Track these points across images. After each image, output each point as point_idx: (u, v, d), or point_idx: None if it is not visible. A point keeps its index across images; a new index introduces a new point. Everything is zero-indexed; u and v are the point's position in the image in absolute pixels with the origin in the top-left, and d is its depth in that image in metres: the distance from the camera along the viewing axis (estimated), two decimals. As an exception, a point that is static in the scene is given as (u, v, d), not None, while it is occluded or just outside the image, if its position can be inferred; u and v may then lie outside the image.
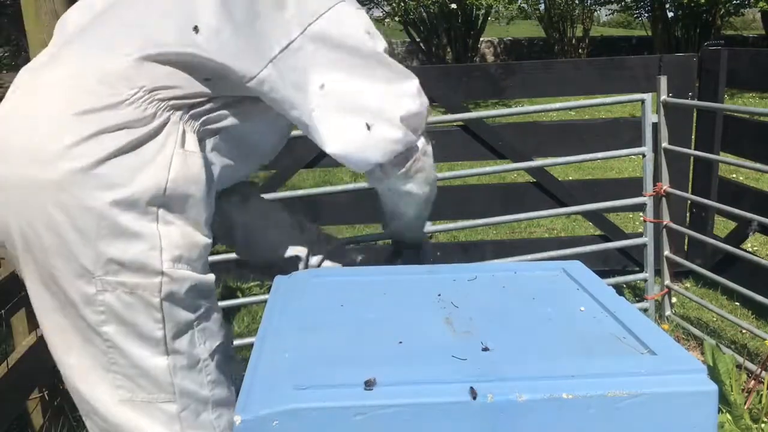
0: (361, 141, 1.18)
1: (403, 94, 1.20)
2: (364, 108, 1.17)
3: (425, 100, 1.23)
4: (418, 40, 14.89)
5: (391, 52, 1.23)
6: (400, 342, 1.03)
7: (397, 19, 14.32)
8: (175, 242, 1.06)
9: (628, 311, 1.12)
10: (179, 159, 1.07)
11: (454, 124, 3.32)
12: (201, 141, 1.14)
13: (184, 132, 1.10)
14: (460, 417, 0.86)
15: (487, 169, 3.10)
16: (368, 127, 1.17)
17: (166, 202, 1.06)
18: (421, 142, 1.26)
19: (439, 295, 1.21)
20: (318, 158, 3.10)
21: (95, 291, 1.03)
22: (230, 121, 1.19)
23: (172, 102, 1.08)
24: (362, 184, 2.93)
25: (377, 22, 16.21)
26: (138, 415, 1.08)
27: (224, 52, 1.10)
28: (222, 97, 1.15)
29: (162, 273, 1.05)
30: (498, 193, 3.48)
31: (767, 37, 14.32)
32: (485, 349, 0.99)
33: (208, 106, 1.14)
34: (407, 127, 1.20)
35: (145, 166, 1.04)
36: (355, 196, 3.02)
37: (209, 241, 1.14)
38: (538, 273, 1.33)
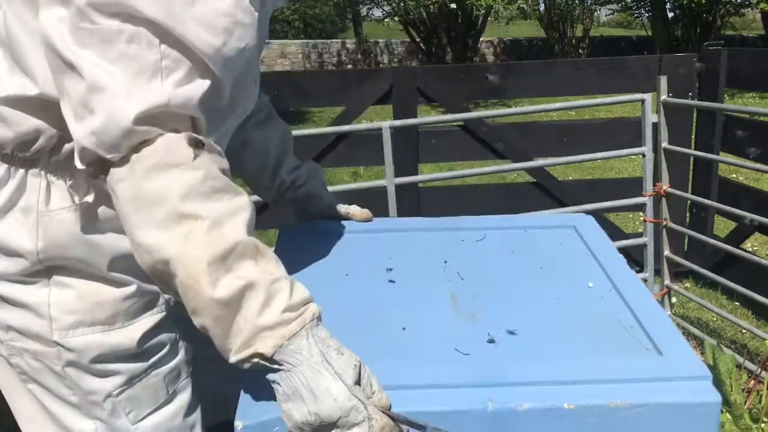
0: None
1: None
2: None
3: None
4: (418, 40, 14.89)
5: None
6: (404, 328, 1.02)
7: (397, 19, 14.34)
8: (70, 308, 0.94)
9: (635, 288, 1.12)
10: (45, 223, 0.90)
11: (454, 124, 3.31)
12: (79, 188, 0.93)
13: (48, 186, 0.91)
14: (460, 424, 0.86)
15: (487, 169, 3.10)
16: None
17: (49, 268, 0.92)
18: None
19: (446, 262, 1.22)
20: (317, 159, 3.09)
21: (7, 354, 0.98)
22: None
23: (22, 155, 0.90)
24: (362, 184, 2.93)
25: (377, 22, 16.22)
26: None
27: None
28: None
29: (56, 342, 0.94)
30: (498, 193, 3.47)
31: (767, 37, 14.33)
32: (491, 341, 0.99)
33: (68, 145, 0.89)
34: None
35: (11, 236, 0.90)
36: (355, 196, 3.02)
37: (132, 289, 0.97)
38: (548, 232, 1.33)
